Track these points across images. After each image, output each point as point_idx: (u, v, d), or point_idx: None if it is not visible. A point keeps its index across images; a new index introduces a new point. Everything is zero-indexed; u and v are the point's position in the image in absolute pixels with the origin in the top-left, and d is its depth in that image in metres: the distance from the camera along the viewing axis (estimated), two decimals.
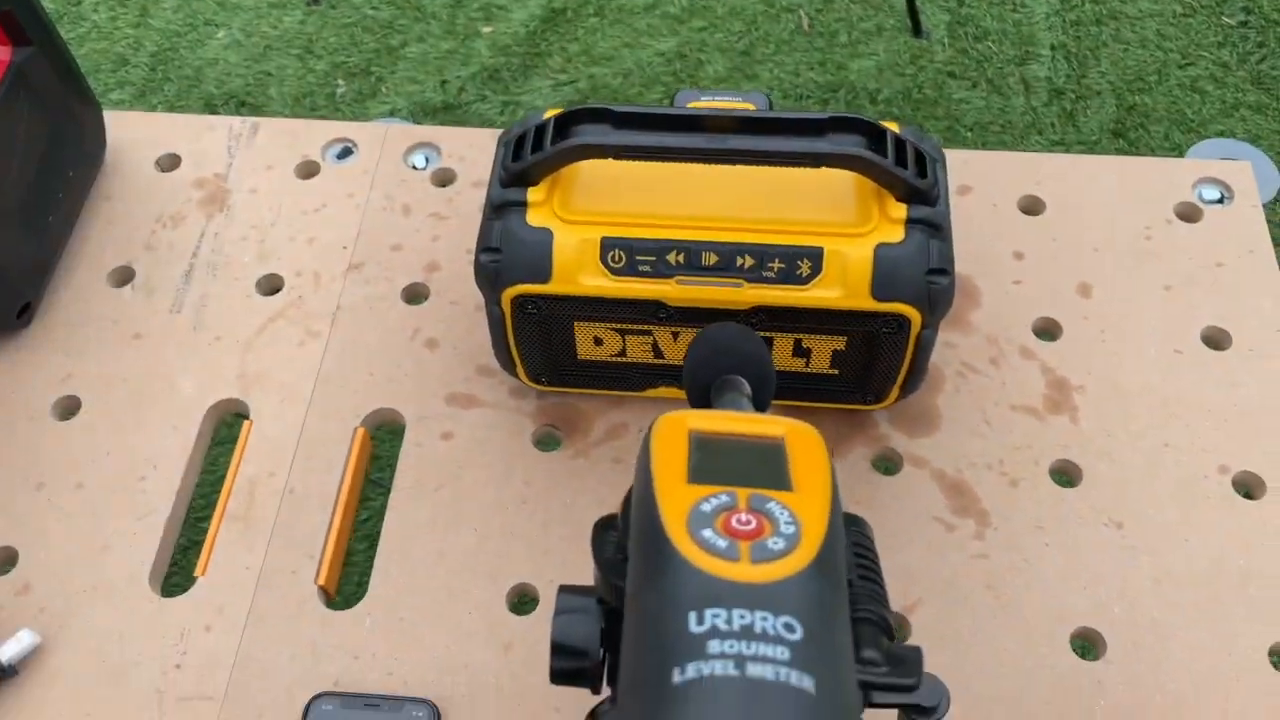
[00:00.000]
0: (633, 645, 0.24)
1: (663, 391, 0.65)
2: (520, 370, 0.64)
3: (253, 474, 0.65)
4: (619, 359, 0.63)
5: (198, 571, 0.62)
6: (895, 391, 0.63)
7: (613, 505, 0.37)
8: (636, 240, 0.56)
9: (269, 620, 0.60)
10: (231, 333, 0.71)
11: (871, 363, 0.60)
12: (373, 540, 0.63)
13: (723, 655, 0.23)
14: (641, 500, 0.27)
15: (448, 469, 0.66)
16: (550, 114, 0.58)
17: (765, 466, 0.28)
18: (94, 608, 0.61)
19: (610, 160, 0.56)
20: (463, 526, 0.63)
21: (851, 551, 0.30)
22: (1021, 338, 0.69)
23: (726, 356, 0.33)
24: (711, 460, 0.29)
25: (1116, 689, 0.57)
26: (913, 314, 0.56)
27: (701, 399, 0.37)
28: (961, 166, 0.76)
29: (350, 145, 0.80)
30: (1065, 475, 0.64)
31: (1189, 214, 0.74)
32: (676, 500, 0.27)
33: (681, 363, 0.43)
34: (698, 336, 0.34)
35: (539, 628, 0.61)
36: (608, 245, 0.57)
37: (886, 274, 0.55)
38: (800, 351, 0.61)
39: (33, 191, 0.70)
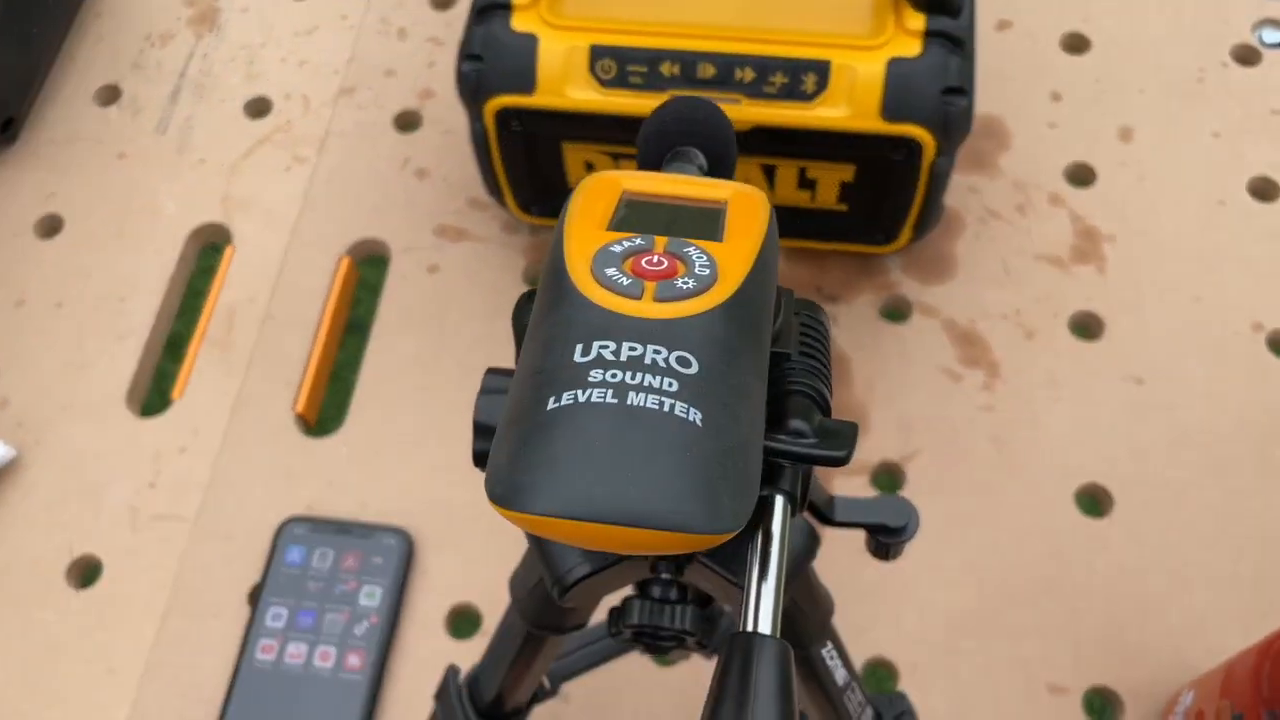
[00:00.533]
0: (514, 383, 0.22)
1: None
2: (509, 199, 0.61)
3: (233, 299, 0.63)
4: None
5: (174, 394, 0.61)
6: (908, 232, 0.58)
7: None
8: (628, 49, 0.52)
9: (244, 445, 0.59)
10: (217, 155, 0.68)
11: (882, 196, 0.56)
12: (354, 372, 0.61)
13: (603, 384, 0.20)
14: (550, 250, 0.24)
15: (434, 302, 0.63)
16: None
17: (696, 221, 0.25)
18: (70, 425, 0.60)
19: None
20: (446, 360, 0.61)
21: (798, 330, 0.27)
22: (1052, 184, 0.64)
23: (678, 124, 0.30)
24: (638, 214, 0.26)
25: (1119, 546, 0.53)
26: (925, 138, 0.52)
27: None
28: (1001, 0, 0.70)
29: None
30: (1085, 328, 0.60)
31: (1247, 57, 0.68)
32: (586, 242, 0.24)
33: None
34: (651, 113, 0.31)
35: None
36: (597, 54, 0.52)
37: (898, 91, 0.51)
38: (805, 183, 0.57)
39: (16, 2, 0.67)
